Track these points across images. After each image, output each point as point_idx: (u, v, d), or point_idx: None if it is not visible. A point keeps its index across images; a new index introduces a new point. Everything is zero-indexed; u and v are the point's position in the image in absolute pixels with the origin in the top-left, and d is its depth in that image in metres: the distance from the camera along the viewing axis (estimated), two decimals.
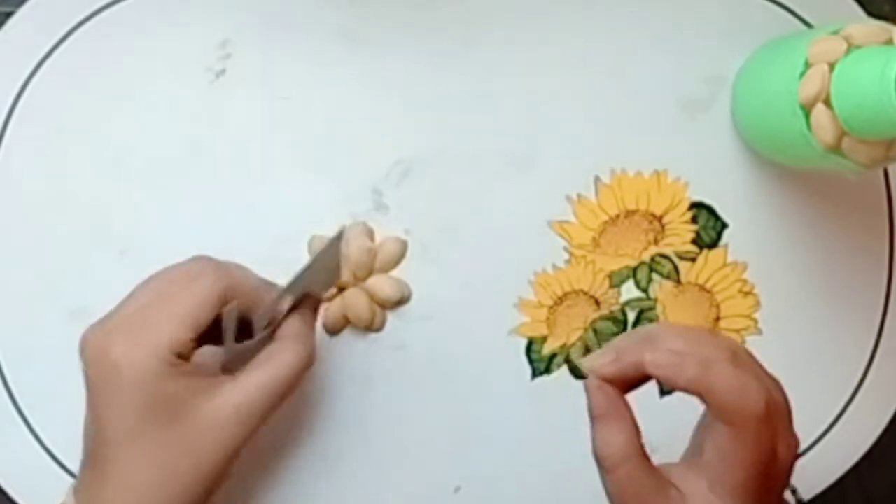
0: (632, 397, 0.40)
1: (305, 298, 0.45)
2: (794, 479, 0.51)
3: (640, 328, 0.42)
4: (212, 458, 0.42)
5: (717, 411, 0.38)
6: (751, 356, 0.41)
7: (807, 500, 0.52)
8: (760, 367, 0.41)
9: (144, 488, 0.41)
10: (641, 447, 0.39)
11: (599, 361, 0.40)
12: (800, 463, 0.52)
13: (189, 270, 0.43)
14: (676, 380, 0.39)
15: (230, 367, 0.43)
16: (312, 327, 0.46)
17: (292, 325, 0.45)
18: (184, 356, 0.42)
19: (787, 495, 0.44)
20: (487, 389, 0.51)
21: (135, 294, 0.43)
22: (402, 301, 0.50)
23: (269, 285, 0.45)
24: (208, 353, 0.43)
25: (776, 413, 0.39)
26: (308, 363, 0.44)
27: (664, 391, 0.50)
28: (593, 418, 0.40)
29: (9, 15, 0.49)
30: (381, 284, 0.50)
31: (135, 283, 0.46)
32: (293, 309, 0.45)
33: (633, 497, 0.38)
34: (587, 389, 0.40)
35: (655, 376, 0.39)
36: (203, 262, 0.44)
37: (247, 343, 0.44)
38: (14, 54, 0.49)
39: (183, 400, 0.41)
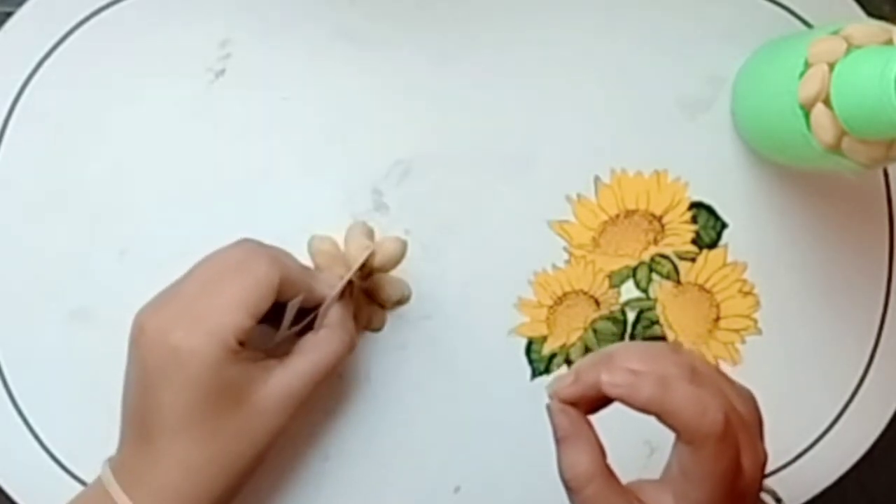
0: None
1: (345, 287, 0.47)
2: (793, 480, 0.52)
3: (602, 349, 0.42)
4: (259, 441, 0.43)
5: (675, 430, 0.38)
6: (713, 370, 0.41)
7: (807, 499, 0.52)
8: (726, 380, 0.41)
9: (194, 471, 0.42)
10: (607, 466, 0.39)
11: (560, 384, 0.40)
12: (799, 463, 0.52)
13: (240, 256, 0.44)
14: (633, 400, 0.38)
15: (276, 351, 0.45)
16: (352, 314, 0.47)
17: (336, 312, 0.46)
18: (243, 343, 0.42)
19: (771, 502, 0.44)
20: (487, 389, 0.51)
21: (187, 279, 0.44)
22: (402, 301, 0.50)
23: (309, 270, 0.47)
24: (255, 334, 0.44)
25: (740, 428, 0.38)
26: (351, 349, 0.46)
27: None
28: (557, 440, 0.39)
29: (9, 15, 0.49)
30: (381, 284, 0.50)
31: (135, 283, 0.46)
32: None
33: None
34: (549, 412, 0.40)
35: (612, 396, 0.38)
36: (252, 247, 0.44)
37: (297, 328, 0.45)
38: (14, 54, 0.49)
39: (240, 386, 0.42)
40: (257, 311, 0.43)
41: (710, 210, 0.52)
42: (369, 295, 0.50)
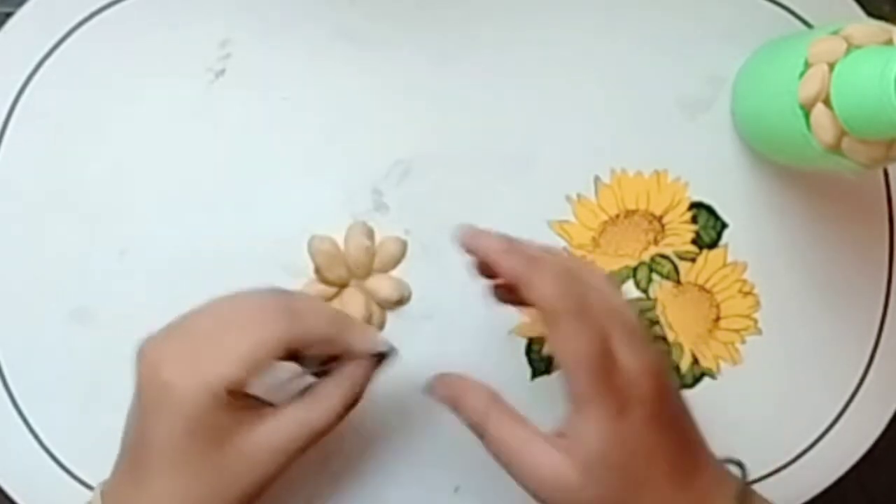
0: None
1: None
2: (793, 480, 0.52)
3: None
4: (245, 487, 0.42)
5: (537, 307, 0.40)
6: (596, 274, 0.43)
7: (807, 499, 0.52)
8: (609, 283, 0.43)
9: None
10: (501, 401, 0.42)
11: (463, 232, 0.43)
12: (799, 463, 0.52)
13: (257, 308, 0.42)
14: (498, 265, 0.41)
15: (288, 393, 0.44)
16: (368, 378, 0.45)
17: (349, 367, 0.44)
18: (235, 393, 0.41)
19: (735, 470, 0.43)
20: None
21: (198, 316, 0.43)
22: (402, 301, 0.50)
23: (348, 321, 0.45)
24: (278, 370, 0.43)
25: (610, 320, 0.40)
26: (353, 406, 0.44)
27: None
28: (453, 409, 0.43)
29: (9, 15, 0.49)
30: (381, 284, 0.50)
31: (135, 283, 0.46)
32: None
33: (512, 449, 0.41)
34: (430, 392, 0.44)
35: (483, 258, 0.42)
36: (274, 302, 0.43)
37: (313, 371, 0.44)
38: (14, 54, 0.49)
39: (226, 430, 0.41)
40: (256, 366, 0.41)
41: (710, 210, 0.52)
42: (369, 295, 0.50)
